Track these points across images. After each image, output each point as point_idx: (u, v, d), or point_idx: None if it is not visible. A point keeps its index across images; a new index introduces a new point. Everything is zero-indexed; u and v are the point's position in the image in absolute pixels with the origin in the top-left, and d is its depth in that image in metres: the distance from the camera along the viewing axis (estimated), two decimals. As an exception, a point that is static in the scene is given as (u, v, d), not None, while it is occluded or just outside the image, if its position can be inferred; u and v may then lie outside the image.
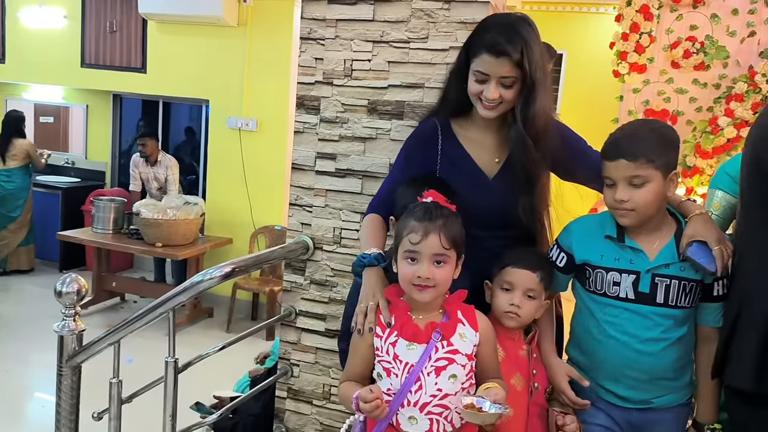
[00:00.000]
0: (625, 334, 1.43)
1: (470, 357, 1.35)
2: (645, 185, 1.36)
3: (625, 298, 1.42)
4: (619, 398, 1.48)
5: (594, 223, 1.52)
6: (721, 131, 3.66)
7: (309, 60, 2.03)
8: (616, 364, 1.45)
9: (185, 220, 4.52)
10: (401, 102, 1.94)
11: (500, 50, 1.43)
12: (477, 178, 1.60)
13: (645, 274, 1.41)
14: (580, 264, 1.49)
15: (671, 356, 1.44)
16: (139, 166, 5.13)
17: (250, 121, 4.95)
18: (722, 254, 1.35)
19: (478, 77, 1.49)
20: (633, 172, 1.36)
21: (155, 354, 2.01)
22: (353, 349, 1.42)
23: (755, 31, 3.63)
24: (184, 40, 5.10)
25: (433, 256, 1.30)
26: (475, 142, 1.61)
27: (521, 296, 1.48)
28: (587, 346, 1.51)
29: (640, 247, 1.42)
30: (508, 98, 1.49)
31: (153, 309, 1.75)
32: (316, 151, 2.07)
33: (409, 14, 1.89)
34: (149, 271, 5.61)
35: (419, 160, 1.64)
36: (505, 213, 1.55)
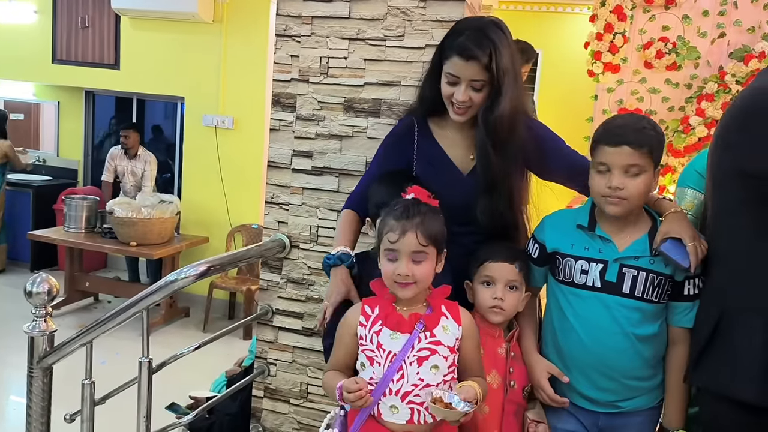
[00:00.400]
0: (591, 326, 1.42)
1: (452, 350, 1.37)
2: (640, 175, 1.37)
3: (592, 286, 1.43)
4: (588, 400, 1.47)
5: (567, 215, 1.55)
6: (693, 130, 3.73)
7: (285, 57, 2.02)
8: (584, 361, 1.45)
9: (160, 218, 4.46)
10: (378, 100, 1.94)
11: (470, 54, 1.45)
12: (452, 175, 1.61)
13: (612, 263, 1.42)
14: (551, 253, 1.50)
15: (640, 355, 1.43)
16: (116, 158, 5.05)
17: (226, 119, 4.90)
18: (696, 251, 1.35)
19: (450, 79, 1.51)
20: (634, 160, 1.37)
21: (130, 354, 1.98)
22: (337, 339, 1.43)
23: (725, 32, 3.71)
24: (158, 37, 5.03)
25: (412, 254, 1.32)
26: (450, 140, 1.63)
27: (503, 289, 1.49)
28: (557, 342, 1.51)
29: (609, 237, 1.44)
30: (477, 101, 1.50)
31: (126, 309, 1.73)
32: (293, 149, 2.06)
33: (385, 12, 1.89)
34: (123, 271, 5.53)
35: (396, 158, 1.65)
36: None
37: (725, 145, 1.33)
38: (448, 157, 1.62)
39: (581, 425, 1.49)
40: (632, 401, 1.46)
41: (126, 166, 5.04)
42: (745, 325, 1.27)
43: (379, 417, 1.35)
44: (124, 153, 5.02)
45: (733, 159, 1.29)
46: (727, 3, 3.69)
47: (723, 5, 3.70)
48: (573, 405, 1.49)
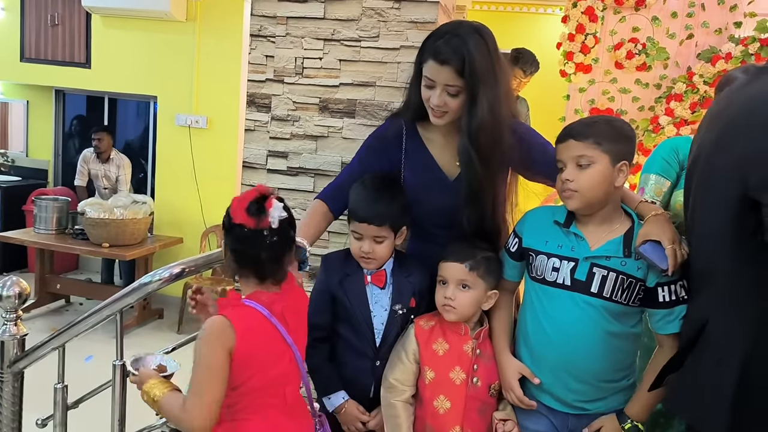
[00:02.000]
0: (559, 325, 1.42)
1: None
2: (591, 166, 1.38)
3: (562, 284, 1.43)
4: (558, 401, 1.47)
5: (547, 211, 1.54)
6: (662, 130, 3.81)
7: (259, 57, 2.01)
8: (554, 361, 1.44)
9: (133, 219, 4.40)
10: (353, 100, 1.94)
11: (443, 58, 1.44)
12: (439, 180, 1.62)
13: (583, 261, 1.42)
14: (526, 249, 1.51)
15: (606, 356, 1.42)
16: (89, 162, 4.96)
17: (200, 119, 4.85)
18: (675, 253, 1.34)
19: (426, 83, 1.50)
20: (580, 151, 1.38)
21: (103, 357, 1.96)
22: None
23: (693, 33, 3.79)
24: (130, 35, 4.96)
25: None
26: (437, 145, 1.63)
27: (454, 288, 1.51)
28: (529, 341, 1.51)
29: (583, 234, 1.44)
30: (452, 107, 1.49)
31: (99, 311, 1.71)
32: (268, 150, 2.05)
33: (360, 13, 1.90)
34: (95, 272, 5.45)
35: (380, 158, 1.66)
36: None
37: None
38: (436, 162, 1.63)
39: (552, 426, 1.49)
40: (600, 402, 1.46)
41: (99, 169, 4.95)
42: (717, 356, 1.20)
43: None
44: (96, 156, 4.93)
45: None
46: (695, 5, 3.78)
47: (691, 7, 3.79)
48: (544, 406, 1.49)
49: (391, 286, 1.61)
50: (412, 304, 1.61)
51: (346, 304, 1.59)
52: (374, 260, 1.56)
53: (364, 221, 1.53)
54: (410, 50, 1.88)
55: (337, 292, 1.60)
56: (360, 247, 1.55)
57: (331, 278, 1.61)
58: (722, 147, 1.22)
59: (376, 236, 1.53)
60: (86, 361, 1.90)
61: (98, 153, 4.90)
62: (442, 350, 1.52)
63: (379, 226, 1.52)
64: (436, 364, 1.52)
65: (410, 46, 1.87)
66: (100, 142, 4.85)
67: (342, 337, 1.61)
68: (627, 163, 1.41)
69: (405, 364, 1.54)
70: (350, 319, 1.59)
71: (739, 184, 1.14)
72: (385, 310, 1.60)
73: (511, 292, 1.63)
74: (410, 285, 1.61)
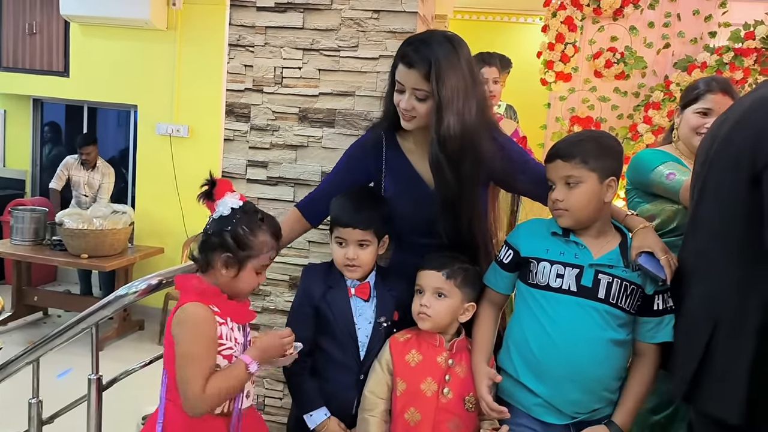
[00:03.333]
0: (566, 330, 1.41)
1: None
2: (579, 185, 1.41)
3: (568, 290, 1.42)
4: (556, 414, 1.44)
5: (542, 223, 1.55)
6: (641, 137, 3.86)
7: (238, 67, 2.00)
8: (556, 369, 1.41)
9: (113, 229, 4.35)
10: (332, 110, 1.94)
11: (409, 61, 1.47)
12: (420, 189, 1.62)
13: (588, 268, 1.42)
14: (525, 258, 1.49)
15: (611, 363, 1.42)
16: (71, 168, 4.89)
17: (181, 128, 4.82)
18: (669, 263, 1.39)
19: (397, 87, 1.52)
20: (567, 171, 1.41)
21: (81, 371, 1.93)
22: (207, 349, 1.34)
23: (669, 43, 3.85)
24: (109, 44, 4.92)
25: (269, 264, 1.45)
26: (417, 154, 1.63)
27: (430, 296, 1.51)
28: (527, 350, 1.46)
29: (584, 243, 1.45)
30: (420, 111, 1.50)
31: (74, 324, 1.68)
32: (247, 159, 2.04)
33: (339, 23, 1.90)
34: (74, 284, 5.37)
35: (361, 168, 1.66)
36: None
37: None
38: (416, 171, 1.63)
39: None
40: (594, 412, 1.45)
41: (82, 177, 4.88)
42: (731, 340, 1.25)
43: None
44: (81, 164, 4.86)
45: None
46: (671, 15, 3.84)
47: (667, 17, 3.85)
48: (539, 422, 1.45)
49: (375, 299, 1.59)
50: (395, 317, 1.60)
51: (329, 317, 1.57)
52: (359, 267, 1.55)
53: (348, 225, 1.53)
54: (389, 60, 1.86)
55: (320, 305, 1.58)
56: (344, 254, 1.54)
57: (313, 290, 1.59)
58: (731, 140, 1.29)
59: (360, 240, 1.53)
60: (59, 378, 1.86)
61: (85, 164, 4.85)
62: (414, 361, 1.51)
63: (364, 229, 1.53)
64: (408, 375, 1.50)
65: (389, 55, 1.88)
66: (88, 156, 4.81)
67: (324, 351, 1.59)
68: (615, 178, 1.44)
69: (379, 374, 1.53)
70: (333, 332, 1.57)
71: (750, 167, 1.21)
72: (369, 322, 1.58)
73: (498, 307, 1.60)
74: (393, 298, 1.60)
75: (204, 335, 1.32)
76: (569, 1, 3.90)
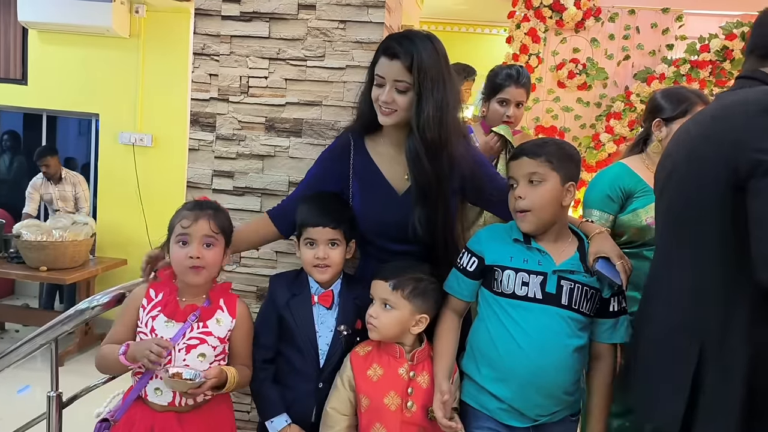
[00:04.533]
0: (535, 338, 1.42)
1: (222, 340, 1.50)
2: (542, 183, 1.45)
3: (533, 298, 1.45)
4: (519, 417, 1.46)
5: (502, 229, 1.56)
6: (603, 146, 3.95)
7: (203, 76, 1.98)
8: (523, 375, 1.43)
9: (73, 241, 4.24)
10: (299, 119, 1.93)
11: (392, 53, 1.51)
12: (387, 194, 1.62)
13: (552, 274, 1.45)
14: (489, 266, 1.50)
15: (572, 368, 1.45)
16: (39, 188, 4.70)
17: (144, 137, 4.74)
18: (624, 268, 1.45)
19: (377, 81, 1.55)
20: (533, 168, 1.45)
21: (42, 387, 1.86)
22: (121, 315, 1.52)
23: (629, 54, 3.96)
24: (69, 51, 4.81)
25: (203, 238, 1.47)
26: (386, 158, 1.64)
27: (378, 306, 1.50)
28: (494, 356, 1.47)
29: (545, 250, 1.48)
30: (401, 104, 1.52)
31: (32, 340, 1.63)
32: (213, 169, 2.01)
33: (305, 33, 1.90)
34: (33, 298, 5.21)
35: (329, 174, 1.66)
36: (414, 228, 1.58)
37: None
38: (383, 175, 1.63)
39: None
40: (554, 414, 1.48)
41: (53, 192, 4.72)
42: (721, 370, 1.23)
43: (145, 398, 1.47)
44: (47, 180, 4.71)
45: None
46: (631, 28, 3.96)
47: (627, 30, 3.96)
48: (503, 425, 1.47)
49: (338, 307, 1.59)
50: (358, 326, 1.59)
51: (291, 324, 1.57)
52: (328, 267, 1.55)
53: (318, 225, 1.54)
54: (356, 69, 1.88)
55: (283, 312, 1.58)
56: (314, 255, 1.54)
57: (278, 298, 1.60)
58: (701, 156, 1.30)
59: (331, 239, 1.54)
60: (19, 393, 1.80)
61: (49, 177, 4.69)
62: (376, 376, 1.50)
63: (335, 228, 1.54)
64: (371, 390, 1.49)
65: (356, 65, 1.88)
66: (48, 168, 4.63)
67: (285, 358, 1.59)
68: (574, 183, 1.49)
69: (340, 391, 1.51)
70: (294, 339, 1.57)
71: (728, 178, 1.22)
72: (330, 330, 1.58)
73: (460, 314, 1.59)
74: (356, 306, 1.59)
75: (124, 307, 1.53)
76: (533, 14, 3.98)
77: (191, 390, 1.39)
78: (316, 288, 1.60)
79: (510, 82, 2.20)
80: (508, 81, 2.20)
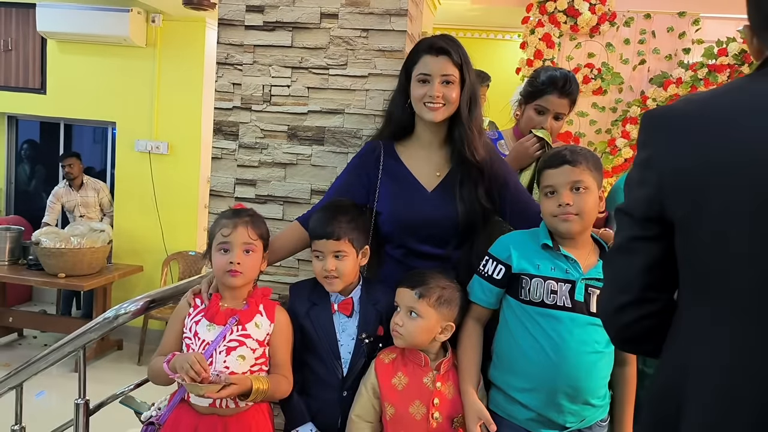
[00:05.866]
0: (564, 346, 1.42)
1: (262, 343, 1.53)
2: (586, 191, 1.45)
3: (563, 306, 1.44)
4: (551, 427, 1.45)
5: (527, 235, 1.55)
6: (619, 152, 3.93)
7: (226, 85, 1.99)
8: (554, 383, 1.42)
9: (91, 248, 4.28)
10: (321, 128, 1.94)
11: (440, 48, 1.58)
12: (415, 191, 1.65)
13: (580, 282, 1.45)
14: (516, 274, 1.49)
15: (602, 374, 1.46)
16: (62, 196, 4.76)
17: (160, 144, 4.78)
18: None
19: (422, 78, 1.59)
20: (576, 176, 1.45)
21: (61, 393, 1.88)
22: (169, 327, 1.59)
23: (645, 59, 3.94)
24: (87, 60, 4.87)
25: (243, 245, 1.52)
26: (416, 159, 1.68)
27: (404, 314, 1.50)
28: (523, 365, 1.46)
29: (574, 257, 1.47)
30: (450, 97, 1.58)
31: (60, 348, 1.65)
32: (235, 178, 2.03)
33: (328, 41, 1.91)
34: (50, 304, 5.25)
35: (358, 179, 1.69)
36: (441, 224, 1.62)
37: None
38: (412, 174, 1.67)
39: None
40: (585, 421, 1.47)
41: (74, 199, 4.77)
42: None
43: (188, 400, 1.50)
44: (69, 186, 4.76)
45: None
46: (646, 32, 3.94)
47: (642, 34, 3.94)
48: None
49: (358, 314, 1.59)
50: (380, 333, 1.59)
51: (312, 334, 1.57)
52: (337, 279, 1.55)
53: (322, 237, 1.55)
54: (378, 78, 1.89)
55: (304, 322, 1.59)
56: (323, 266, 1.55)
57: (298, 308, 1.61)
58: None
59: (335, 251, 1.54)
60: (36, 398, 1.82)
61: (70, 180, 4.74)
62: (401, 385, 1.49)
63: (337, 240, 1.54)
64: (396, 399, 1.49)
65: (378, 73, 1.89)
66: (71, 167, 4.71)
67: (309, 367, 1.59)
68: (604, 189, 1.51)
69: (364, 397, 1.51)
70: (317, 348, 1.57)
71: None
72: (352, 339, 1.58)
73: (483, 323, 1.58)
74: (377, 312, 1.59)
75: (172, 318, 1.58)
76: (547, 19, 3.97)
77: (208, 393, 1.38)
78: (336, 296, 1.60)
79: (552, 89, 1.86)
80: (551, 88, 1.87)
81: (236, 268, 1.50)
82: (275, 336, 1.55)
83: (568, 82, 1.87)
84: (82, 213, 4.79)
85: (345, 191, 1.69)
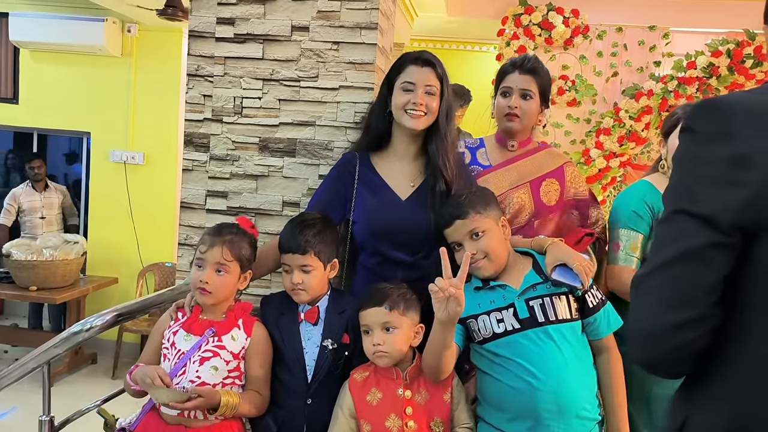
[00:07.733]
0: (529, 368, 1.42)
1: (236, 356, 1.54)
2: (486, 234, 1.51)
3: (513, 330, 1.46)
4: None
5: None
6: (593, 162, 3.98)
7: (197, 97, 1.99)
8: (546, 402, 1.41)
9: (64, 260, 4.21)
10: (293, 139, 1.94)
11: (426, 59, 1.68)
12: (390, 199, 1.71)
13: (518, 301, 1.48)
14: (464, 320, 1.51)
15: (585, 381, 1.45)
16: (20, 197, 4.71)
17: (136, 155, 4.73)
18: (582, 269, 1.46)
19: (406, 87, 1.66)
20: (470, 226, 1.51)
21: (32, 409, 1.84)
22: (149, 340, 1.61)
23: (617, 71, 4.01)
24: (61, 70, 4.81)
25: (215, 265, 1.52)
26: (391, 170, 1.74)
27: (380, 333, 1.49)
28: (503, 400, 1.47)
29: (504, 283, 1.52)
30: (432, 107, 1.66)
31: (24, 364, 1.62)
32: (207, 189, 2.02)
33: (299, 54, 1.92)
34: (23, 317, 5.15)
35: (337, 186, 1.73)
36: (413, 231, 1.67)
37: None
38: (386, 183, 1.72)
39: None
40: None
41: (35, 201, 4.73)
42: None
43: (158, 408, 1.50)
44: (32, 187, 4.72)
45: None
46: (618, 45, 4.01)
47: (615, 47, 4.01)
48: None
49: (323, 322, 1.61)
50: (345, 340, 1.60)
51: (279, 343, 1.60)
52: (304, 291, 1.57)
53: (288, 251, 1.58)
54: (349, 90, 1.90)
55: (272, 332, 1.61)
56: (291, 279, 1.57)
57: (268, 318, 1.64)
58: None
59: (302, 265, 1.56)
60: (3, 417, 1.77)
61: (36, 182, 4.73)
62: (375, 401, 1.50)
63: (303, 254, 1.56)
64: (371, 415, 1.49)
65: (349, 86, 1.90)
66: (39, 168, 4.72)
67: (276, 377, 1.61)
68: (504, 218, 1.57)
69: (341, 420, 1.51)
70: (283, 357, 1.60)
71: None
72: (317, 346, 1.59)
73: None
74: (342, 320, 1.61)
75: (152, 333, 1.60)
76: (522, 31, 4.02)
77: (173, 403, 1.38)
78: (304, 306, 1.62)
79: (512, 68, 1.83)
80: (511, 68, 1.84)
81: (205, 287, 1.51)
82: (251, 350, 1.55)
83: (527, 60, 1.84)
84: (44, 214, 4.74)
85: (326, 203, 1.72)
